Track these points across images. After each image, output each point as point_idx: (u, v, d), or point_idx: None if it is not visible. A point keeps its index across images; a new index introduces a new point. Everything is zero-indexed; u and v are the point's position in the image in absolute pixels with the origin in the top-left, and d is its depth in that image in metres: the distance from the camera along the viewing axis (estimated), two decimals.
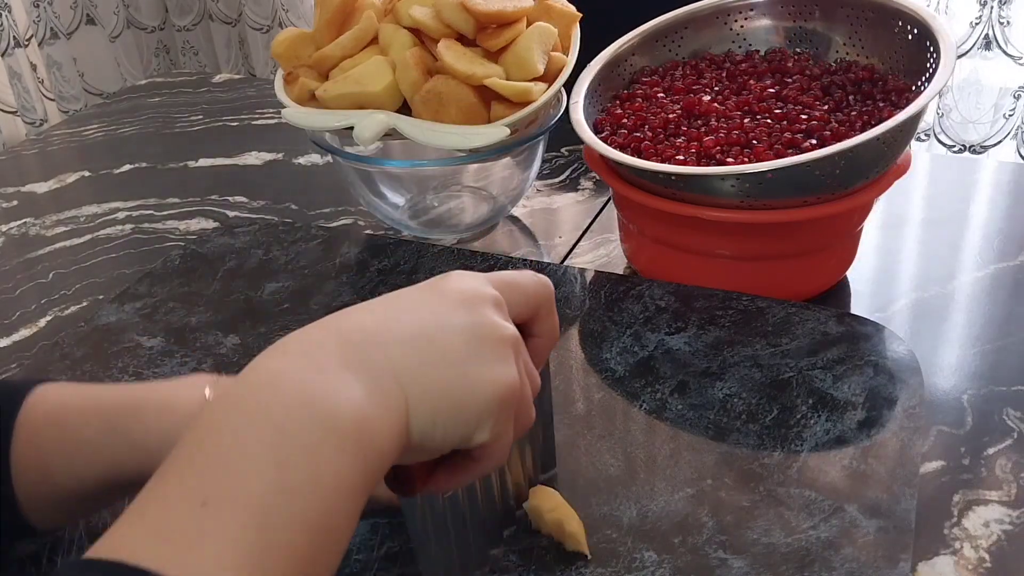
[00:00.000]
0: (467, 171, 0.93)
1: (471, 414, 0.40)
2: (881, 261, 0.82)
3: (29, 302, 0.83)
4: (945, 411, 0.65)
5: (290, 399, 0.35)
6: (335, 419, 0.36)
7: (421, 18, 0.77)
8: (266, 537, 0.32)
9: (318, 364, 0.37)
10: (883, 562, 0.52)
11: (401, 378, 0.39)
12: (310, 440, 0.35)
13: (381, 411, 0.37)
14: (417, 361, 0.39)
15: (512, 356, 0.42)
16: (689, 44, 0.86)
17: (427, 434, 0.40)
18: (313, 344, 0.38)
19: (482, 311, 0.42)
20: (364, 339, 0.39)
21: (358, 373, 0.37)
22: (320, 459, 0.35)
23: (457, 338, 0.40)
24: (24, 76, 1.67)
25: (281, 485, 0.33)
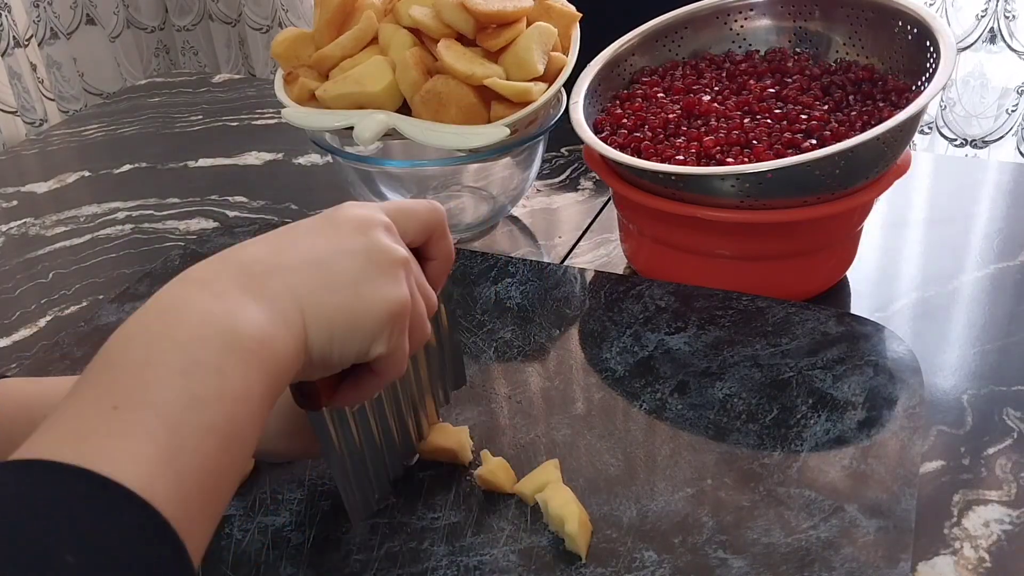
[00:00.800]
0: (467, 171, 0.93)
1: (366, 330, 0.43)
2: (881, 261, 0.82)
3: (29, 302, 0.83)
4: (945, 411, 0.65)
5: (193, 320, 0.38)
6: (236, 336, 0.38)
7: (421, 18, 0.77)
8: (176, 439, 0.34)
9: (217, 291, 0.40)
10: (883, 562, 0.52)
11: (298, 300, 0.41)
12: (213, 353, 0.37)
13: (280, 330, 0.40)
14: (313, 284, 0.42)
15: (403, 275, 0.45)
16: (689, 44, 0.86)
17: (325, 350, 0.42)
18: (211, 273, 0.41)
19: (373, 235, 0.45)
20: (261, 267, 0.42)
21: (256, 298, 0.40)
22: (225, 371, 0.37)
23: (350, 261, 0.44)
24: (24, 76, 1.67)
25: (188, 393, 0.36)
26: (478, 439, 0.62)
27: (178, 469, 0.34)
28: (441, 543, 0.54)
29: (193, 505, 0.34)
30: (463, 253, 0.82)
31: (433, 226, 0.51)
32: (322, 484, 0.59)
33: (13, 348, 0.77)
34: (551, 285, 0.77)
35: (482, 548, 0.54)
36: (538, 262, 0.81)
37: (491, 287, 0.77)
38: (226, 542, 0.56)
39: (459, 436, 0.60)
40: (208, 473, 0.35)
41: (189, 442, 0.35)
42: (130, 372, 0.36)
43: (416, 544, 0.55)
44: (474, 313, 0.75)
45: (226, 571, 0.54)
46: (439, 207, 0.52)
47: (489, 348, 0.71)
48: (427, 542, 0.55)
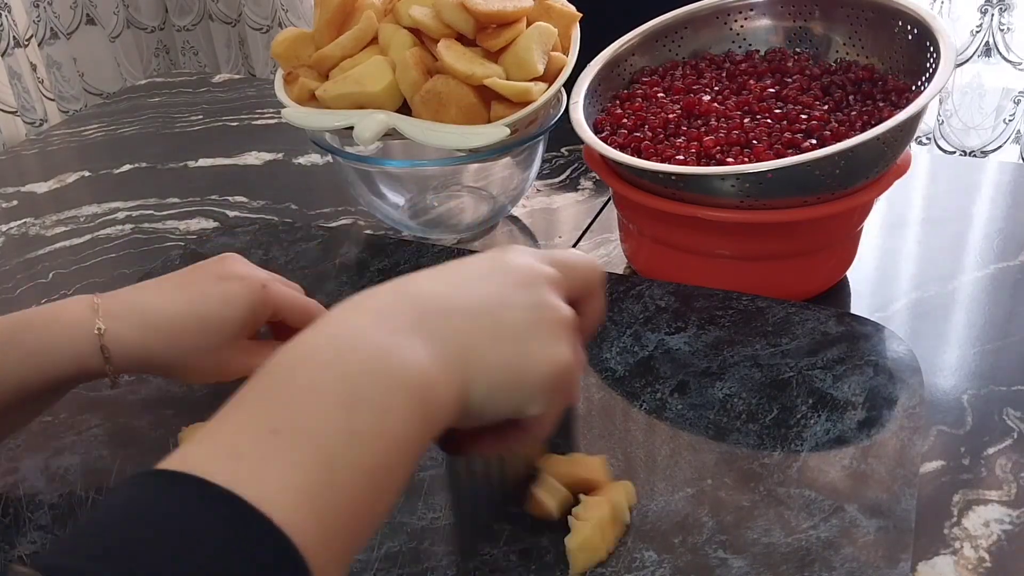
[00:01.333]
0: (467, 171, 0.93)
1: (527, 388, 0.42)
2: (881, 261, 0.82)
3: (29, 302, 0.83)
4: (945, 411, 0.65)
5: (364, 352, 0.38)
6: (404, 376, 0.38)
7: (421, 18, 0.77)
8: (329, 472, 0.34)
9: (392, 325, 0.40)
10: (883, 562, 0.52)
11: (465, 348, 0.41)
12: (379, 391, 0.37)
13: (445, 376, 0.40)
14: (481, 334, 0.41)
15: (567, 335, 0.44)
16: (689, 44, 0.86)
17: (484, 403, 0.42)
18: (387, 306, 0.41)
19: (542, 291, 0.44)
20: (433, 307, 0.41)
21: (426, 339, 0.40)
22: (386, 409, 0.37)
23: (519, 315, 0.43)
24: (24, 76, 1.67)
25: (348, 427, 0.35)
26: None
27: (324, 505, 0.34)
28: (441, 543, 0.54)
29: (333, 542, 0.34)
30: (463, 253, 0.82)
31: (592, 285, 0.50)
32: None
33: None
34: None
35: (482, 548, 0.54)
36: None
37: None
38: None
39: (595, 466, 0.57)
40: (353, 512, 0.35)
41: (340, 479, 0.34)
42: (294, 397, 0.36)
43: (416, 544, 0.55)
44: None
45: None
46: (599, 267, 0.51)
47: None
48: (427, 542, 0.55)
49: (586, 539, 0.52)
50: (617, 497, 0.54)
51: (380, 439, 0.36)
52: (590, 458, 0.58)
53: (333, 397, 0.36)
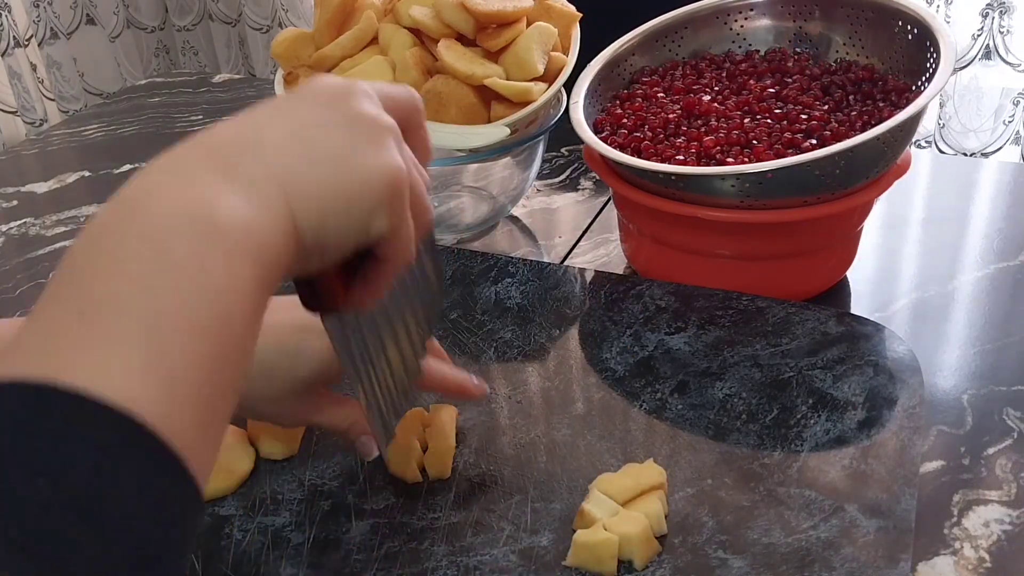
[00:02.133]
0: (467, 171, 0.93)
1: (362, 204, 0.39)
2: (881, 261, 0.82)
3: (29, 302, 0.83)
4: (945, 411, 0.65)
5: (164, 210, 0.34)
6: (214, 224, 0.34)
7: (421, 18, 0.77)
8: (158, 343, 0.31)
9: (187, 177, 0.35)
10: (883, 562, 0.52)
11: (280, 180, 0.37)
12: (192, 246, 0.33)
13: (263, 214, 0.36)
14: (294, 161, 0.38)
15: (392, 143, 0.41)
16: (689, 44, 0.86)
17: (318, 233, 0.38)
18: (178, 160, 0.37)
19: (354, 102, 0.40)
20: (233, 148, 0.37)
21: (231, 181, 0.36)
22: (206, 264, 0.33)
23: (333, 132, 0.39)
24: (24, 76, 1.67)
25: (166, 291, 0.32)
26: (478, 439, 0.62)
27: (162, 374, 0.30)
28: (441, 543, 0.54)
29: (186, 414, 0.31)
30: (463, 253, 0.82)
31: (410, 111, 0.45)
32: (322, 484, 0.59)
33: None
34: (551, 285, 0.77)
35: (482, 548, 0.54)
36: (538, 262, 0.81)
37: (491, 287, 0.77)
38: (226, 542, 0.56)
39: None
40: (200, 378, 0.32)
41: (174, 344, 0.31)
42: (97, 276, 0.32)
43: (416, 544, 0.55)
44: (474, 313, 0.74)
45: (226, 571, 0.54)
46: (416, 94, 0.46)
47: (489, 348, 0.71)
48: (427, 542, 0.55)
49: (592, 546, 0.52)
50: (650, 511, 0.54)
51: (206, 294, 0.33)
52: (646, 466, 0.57)
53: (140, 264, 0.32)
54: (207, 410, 0.32)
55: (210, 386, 0.32)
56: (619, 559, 0.52)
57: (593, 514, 0.54)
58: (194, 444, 0.31)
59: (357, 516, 0.57)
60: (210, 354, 0.32)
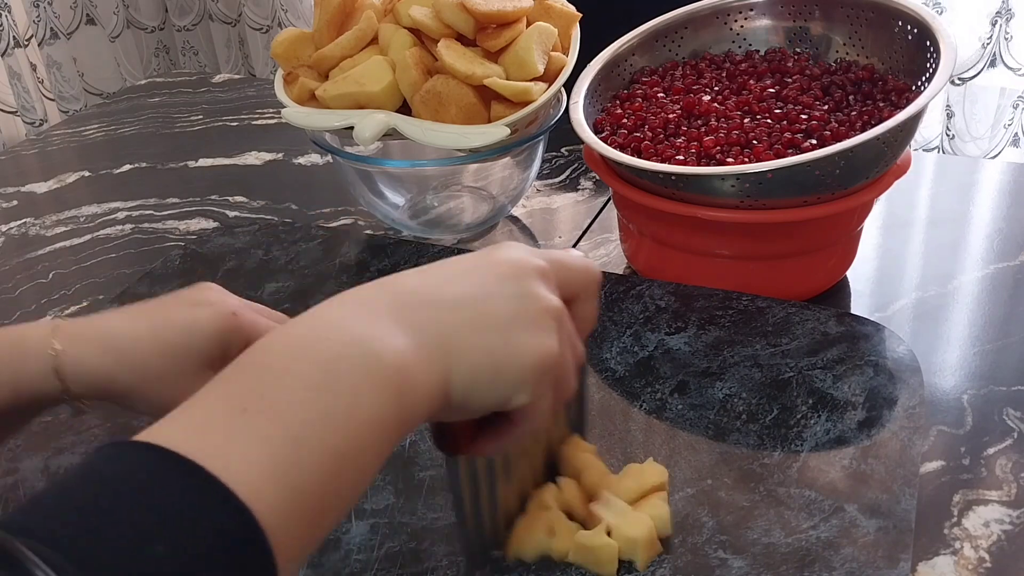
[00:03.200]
0: (467, 171, 0.93)
1: (510, 378, 0.42)
2: (881, 261, 0.82)
3: (29, 302, 0.83)
4: (945, 411, 0.65)
5: (339, 338, 0.38)
6: (378, 361, 0.38)
7: (421, 18, 0.77)
8: (296, 451, 0.34)
9: (371, 315, 0.40)
10: (883, 562, 0.52)
11: (446, 338, 0.41)
12: (352, 374, 0.37)
13: (423, 364, 0.40)
14: (462, 324, 0.41)
15: (555, 326, 0.44)
16: (689, 44, 0.86)
17: (468, 393, 0.42)
18: (368, 299, 0.41)
19: (529, 282, 0.44)
20: (415, 299, 0.42)
21: (406, 328, 0.40)
22: (358, 393, 0.37)
23: (503, 305, 0.43)
24: (24, 76, 1.67)
25: (318, 408, 0.35)
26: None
27: (289, 482, 0.34)
28: (441, 543, 0.54)
29: (296, 521, 0.34)
30: (463, 253, 0.82)
31: (586, 284, 0.49)
32: None
33: None
34: None
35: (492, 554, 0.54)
36: None
37: None
38: None
39: None
40: (319, 492, 0.35)
41: (307, 458, 0.34)
42: (266, 377, 0.36)
43: (416, 544, 0.55)
44: None
45: None
46: (596, 269, 0.50)
47: None
48: (427, 542, 0.55)
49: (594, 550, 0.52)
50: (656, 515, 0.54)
51: (350, 421, 0.36)
52: (646, 466, 0.57)
53: (304, 379, 0.36)
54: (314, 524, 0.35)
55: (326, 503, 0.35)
56: (620, 559, 0.52)
57: (601, 515, 0.53)
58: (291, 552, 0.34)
59: (357, 516, 0.57)
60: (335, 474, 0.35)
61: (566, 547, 0.52)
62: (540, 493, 0.55)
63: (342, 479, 0.36)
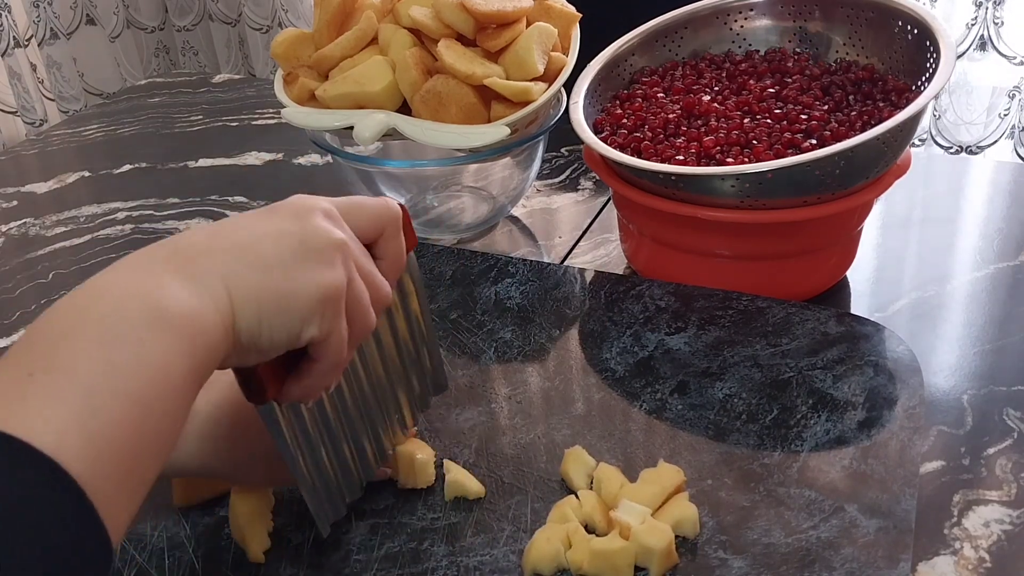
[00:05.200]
0: (467, 171, 0.93)
1: (295, 312, 0.43)
2: (881, 261, 0.82)
3: (29, 302, 0.83)
4: (945, 411, 0.65)
5: (117, 295, 0.39)
6: (159, 310, 0.38)
7: (421, 18, 0.77)
8: (90, 403, 0.35)
9: (145, 271, 0.40)
10: (883, 562, 0.52)
11: (226, 280, 0.42)
12: (134, 325, 0.38)
13: (205, 307, 0.40)
14: (241, 266, 0.42)
15: (338, 259, 0.45)
16: (689, 44, 0.86)
17: (254, 331, 0.42)
18: (142, 257, 0.42)
19: (310, 220, 0.45)
20: (192, 250, 0.42)
21: (184, 278, 0.41)
22: (145, 341, 0.37)
23: (282, 243, 0.44)
24: (24, 76, 1.67)
25: (106, 361, 0.36)
26: (478, 439, 0.62)
27: (91, 431, 0.34)
28: (441, 543, 0.54)
29: (107, 469, 0.34)
30: (463, 253, 0.82)
31: (385, 223, 0.50)
32: None
33: None
34: (551, 285, 0.77)
35: (482, 548, 0.54)
36: (538, 262, 0.81)
37: (491, 287, 0.77)
38: (226, 542, 0.56)
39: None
40: (125, 440, 0.35)
41: (104, 407, 0.35)
42: (50, 342, 0.36)
43: (416, 544, 0.55)
44: (474, 313, 0.74)
45: (226, 571, 0.54)
46: (395, 206, 0.51)
47: (489, 348, 0.71)
48: (427, 542, 0.55)
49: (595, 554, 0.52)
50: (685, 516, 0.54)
51: (142, 368, 0.37)
52: (661, 469, 0.57)
53: (87, 336, 0.37)
54: (127, 470, 0.35)
55: (133, 449, 0.36)
56: (635, 567, 0.52)
57: (623, 520, 0.53)
58: (110, 498, 0.35)
59: (357, 516, 0.57)
60: (137, 420, 0.36)
61: (581, 558, 0.52)
62: (560, 506, 0.55)
63: (147, 425, 0.36)
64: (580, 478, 0.57)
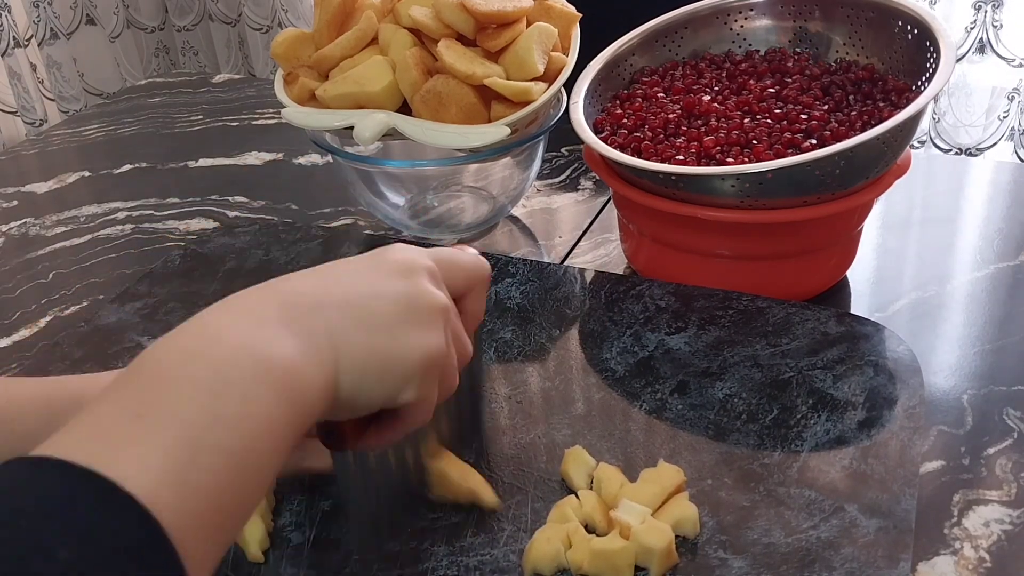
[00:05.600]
0: (467, 171, 0.93)
1: (397, 375, 0.43)
2: (881, 261, 0.82)
3: (29, 302, 0.83)
4: (945, 411, 0.65)
5: (229, 343, 0.38)
6: (269, 364, 0.38)
7: (421, 18, 0.77)
8: (191, 454, 0.34)
9: (259, 319, 0.40)
10: (883, 562, 0.52)
11: (333, 338, 0.41)
12: (244, 378, 0.37)
13: (312, 365, 0.40)
14: (349, 324, 0.42)
15: (441, 324, 0.45)
16: (689, 44, 0.86)
17: (355, 391, 0.42)
18: (254, 303, 0.41)
19: (416, 280, 0.45)
20: (302, 301, 0.42)
21: (293, 331, 0.40)
22: (251, 396, 0.37)
23: (389, 304, 0.43)
24: (24, 76, 1.67)
25: (212, 412, 0.36)
26: (478, 439, 0.62)
27: (187, 484, 0.34)
28: (441, 543, 0.54)
29: (199, 522, 0.34)
30: None
31: (476, 281, 0.50)
32: (322, 484, 0.59)
33: (13, 348, 0.77)
34: (551, 285, 0.77)
35: (482, 548, 0.54)
36: (538, 262, 0.81)
37: (491, 287, 0.77)
38: None
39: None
40: (220, 494, 0.35)
41: (204, 460, 0.35)
42: (159, 384, 0.36)
43: (416, 544, 0.55)
44: None
45: (226, 571, 0.54)
46: (485, 264, 0.51)
47: (489, 348, 0.71)
48: (427, 542, 0.55)
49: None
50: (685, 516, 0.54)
51: (244, 422, 0.36)
52: (660, 468, 0.57)
53: (195, 384, 0.36)
54: (218, 525, 0.35)
55: (227, 504, 0.36)
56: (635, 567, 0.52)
57: (623, 520, 0.53)
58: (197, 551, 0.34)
59: (357, 516, 0.57)
60: (234, 475, 0.36)
61: (581, 558, 0.52)
62: (560, 506, 0.55)
63: (241, 480, 0.36)
64: (580, 478, 0.57)
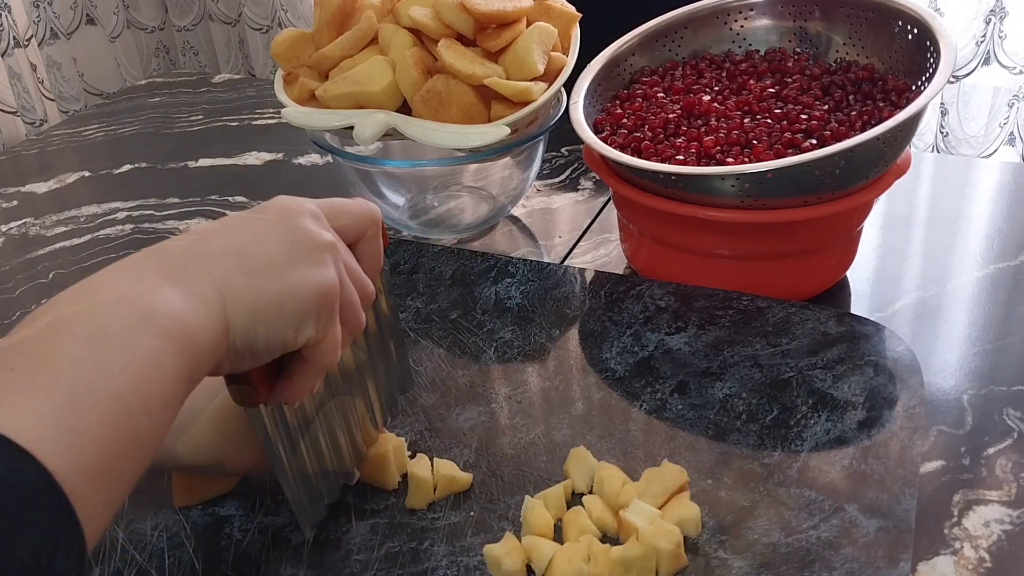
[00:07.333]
0: (467, 171, 0.93)
1: (291, 314, 0.43)
2: (881, 261, 0.82)
3: (29, 302, 0.83)
4: (945, 411, 0.65)
5: (106, 297, 0.38)
6: (150, 311, 0.38)
7: (421, 18, 0.77)
8: (73, 400, 0.34)
9: (135, 274, 0.40)
10: (883, 562, 0.52)
11: (217, 284, 0.41)
12: (124, 327, 0.37)
13: (198, 312, 0.40)
14: (232, 269, 0.42)
15: (329, 259, 0.45)
16: (689, 44, 0.86)
17: (250, 335, 0.42)
18: (131, 262, 0.41)
19: (298, 222, 0.45)
20: (180, 256, 0.42)
21: (175, 283, 0.40)
22: (133, 342, 0.37)
23: (273, 246, 0.44)
24: (24, 76, 1.67)
25: (94, 359, 0.36)
26: (478, 439, 0.62)
27: (71, 427, 0.34)
28: (441, 543, 0.54)
29: (86, 466, 0.34)
30: (463, 253, 0.82)
31: (366, 225, 0.51)
32: None
33: None
34: (551, 285, 0.77)
35: (482, 548, 0.54)
36: (538, 262, 0.81)
37: (491, 287, 0.77)
38: (226, 542, 0.56)
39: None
40: (107, 439, 0.35)
41: (87, 404, 0.34)
42: (36, 339, 0.36)
43: (416, 544, 0.55)
44: (474, 313, 0.74)
45: (226, 571, 0.54)
46: (375, 209, 0.52)
47: (489, 348, 0.71)
48: (427, 542, 0.55)
49: None
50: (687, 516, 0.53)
51: (130, 368, 0.36)
52: (664, 468, 0.57)
53: (74, 335, 0.36)
54: (107, 468, 0.35)
55: (114, 448, 0.35)
56: None
57: (633, 521, 0.53)
58: (87, 495, 0.34)
59: (357, 516, 0.57)
60: (120, 420, 0.35)
61: (602, 570, 0.51)
62: (573, 516, 0.55)
63: (130, 424, 0.36)
64: (581, 478, 0.57)
